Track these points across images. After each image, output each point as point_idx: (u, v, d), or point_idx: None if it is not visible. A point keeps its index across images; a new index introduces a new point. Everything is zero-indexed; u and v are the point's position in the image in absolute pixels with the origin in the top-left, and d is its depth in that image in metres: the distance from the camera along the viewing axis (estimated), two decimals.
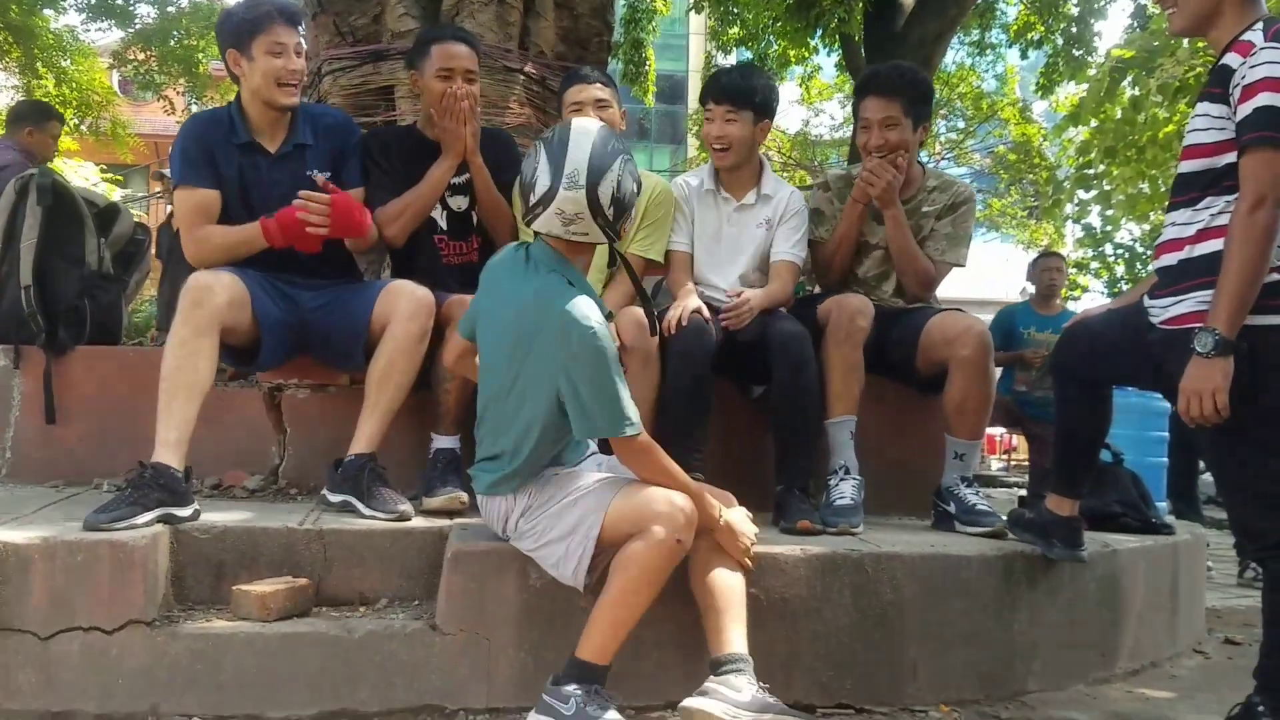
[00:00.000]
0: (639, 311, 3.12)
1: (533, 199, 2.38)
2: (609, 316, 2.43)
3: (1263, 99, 2.22)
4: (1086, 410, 2.80)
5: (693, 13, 13.83)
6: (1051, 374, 2.88)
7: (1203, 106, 2.40)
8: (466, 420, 3.03)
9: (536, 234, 2.47)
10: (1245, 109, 2.25)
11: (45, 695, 2.35)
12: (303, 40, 3.17)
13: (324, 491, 2.97)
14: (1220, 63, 2.35)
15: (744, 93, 3.31)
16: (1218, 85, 2.35)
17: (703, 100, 3.48)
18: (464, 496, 2.91)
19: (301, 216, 2.97)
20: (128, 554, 2.40)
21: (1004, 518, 3.06)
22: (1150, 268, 2.58)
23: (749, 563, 2.51)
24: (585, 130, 2.39)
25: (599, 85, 3.39)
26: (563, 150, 2.34)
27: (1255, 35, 2.30)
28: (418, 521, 2.80)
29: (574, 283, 2.40)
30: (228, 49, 3.08)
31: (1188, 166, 2.44)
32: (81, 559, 2.38)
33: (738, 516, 2.50)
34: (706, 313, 3.10)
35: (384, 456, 3.00)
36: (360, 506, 2.84)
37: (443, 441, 3.10)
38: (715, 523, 2.43)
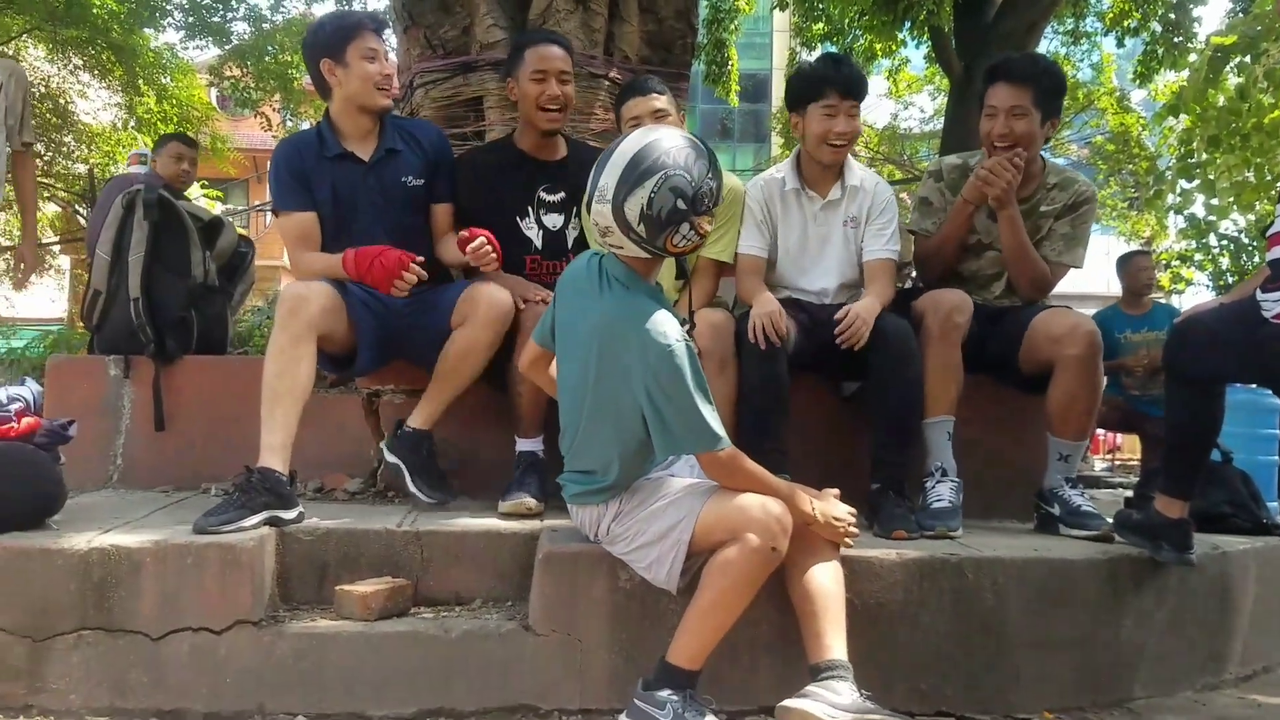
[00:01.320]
0: (715, 314, 3.10)
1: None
2: (690, 323, 2.40)
3: None
4: (1198, 409, 2.70)
5: (776, 10, 13.74)
6: (1162, 372, 2.79)
7: None
8: (546, 423, 3.10)
9: None
10: None
11: (156, 695, 2.43)
12: (389, 50, 3.26)
13: (381, 444, 3.14)
14: None
15: (864, 85, 3.25)
16: None
17: (818, 94, 3.21)
18: (530, 503, 2.95)
19: (477, 261, 3.03)
20: (235, 556, 2.48)
21: (1110, 520, 2.97)
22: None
23: (849, 543, 2.48)
24: (634, 144, 2.35)
25: (655, 95, 3.35)
26: (604, 162, 2.35)
27: None
28: (508, 524, 2.84)
29: (649, 297, 2.40)
30: (321, 59, 3.16)
31: None
32: (191, 561, 2.46)
33: (830, 504, 2.47)
34: (782, 314, 3.03)
35: (472, 459, 3.11)
36: (408, 479, 3.02)
37: (524, 445, 3.15)
38: (811, 518, 2.40)
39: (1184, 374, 2.69)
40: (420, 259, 3.02)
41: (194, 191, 14.79)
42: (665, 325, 2.30)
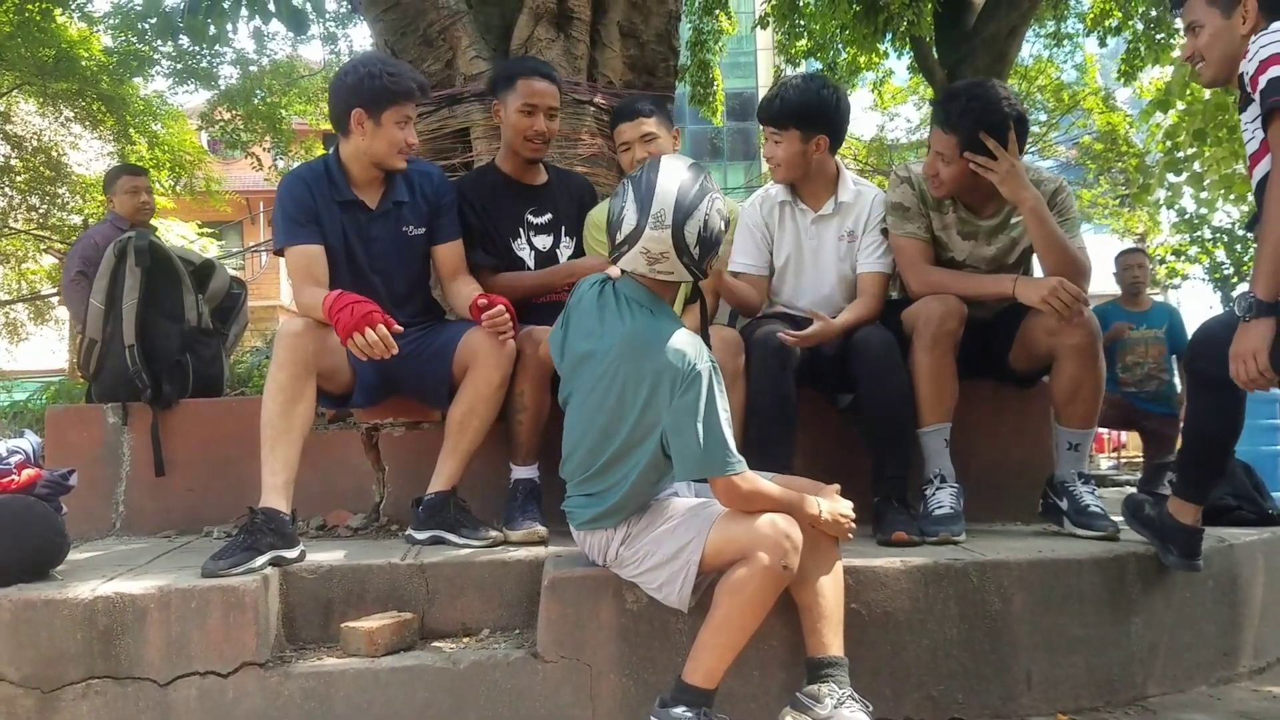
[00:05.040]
0: (726, 330, 3.12)
1: (619, 237, 2.39)
2: (707, 340, 2.42)
3: (1272, 72, 2.30)
4: (1221, 412, 2.67)
5: (759, 29, 13.81)
6: (1185, 375, 2.80)
7: (1242, 118, 2.48)
8: (543, 450, 3.09)
9: (623, 270, 2.48)
10: (1261, 81, 2.32)
11: None
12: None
13: (409, 531, 3.03)
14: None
15: (780, 113, 3.18)
16: (1242, 92, 2.43)
17: None
18: (542, 531, 2.96)
19: (491, 328, 2.96)
20: (239, 598, 2.47)
21: (1115, 519, 2.95)
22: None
23: (850, 537, 2.48)
24: (673, 169, 2.38)
25: (642, 120, 3.40)
26: (650, 190, 2.34)
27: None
28: (513, 551, 2.83)
29: (673, 320, 2.41)
30: (355, 107, 3.01)
31: (1259, 172, 2.47)
32: (195, 605, 2.45)
33: (834, 500, 2.46)
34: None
35: (464, 488, 3.06)
36: (452, 537, 2.91)
37: (521, 472, 3.14)
38: (817, 519, 2.39)
39: (1208, 378, 2.65)
40: (399, 328, 2.81)
41: (190, 233, 14.85)
42: (693, 348, 2.32)
